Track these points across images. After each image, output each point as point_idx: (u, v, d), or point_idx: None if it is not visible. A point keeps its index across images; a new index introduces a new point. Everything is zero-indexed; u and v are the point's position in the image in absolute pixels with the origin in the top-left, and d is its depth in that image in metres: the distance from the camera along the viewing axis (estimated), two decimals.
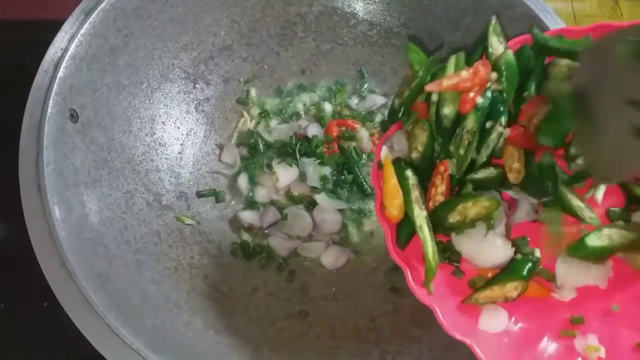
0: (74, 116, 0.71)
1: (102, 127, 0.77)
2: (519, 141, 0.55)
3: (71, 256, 0.62)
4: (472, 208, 0.52)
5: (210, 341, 0.70)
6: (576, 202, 0.57)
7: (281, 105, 0.98)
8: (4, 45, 1.03)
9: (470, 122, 0.53)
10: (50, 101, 0.68)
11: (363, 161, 0.93)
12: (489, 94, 0.54)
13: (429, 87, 0.54)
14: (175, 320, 0.70)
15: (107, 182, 0.75)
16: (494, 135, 0.54)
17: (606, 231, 0.56)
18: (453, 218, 0.53)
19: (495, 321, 0.54)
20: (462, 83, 0.52)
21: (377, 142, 0.91)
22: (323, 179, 0.88)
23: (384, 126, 0.61)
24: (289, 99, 0.99)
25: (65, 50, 0.71)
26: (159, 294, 0.72)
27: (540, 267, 0.58)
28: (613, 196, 0.61)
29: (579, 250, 0.56)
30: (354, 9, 0.95)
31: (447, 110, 0.54)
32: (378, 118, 0.98)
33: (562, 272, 0.57)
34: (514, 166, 0.54)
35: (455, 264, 0.58)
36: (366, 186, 0.90)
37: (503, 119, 0.54)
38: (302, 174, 0.88)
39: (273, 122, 0.96)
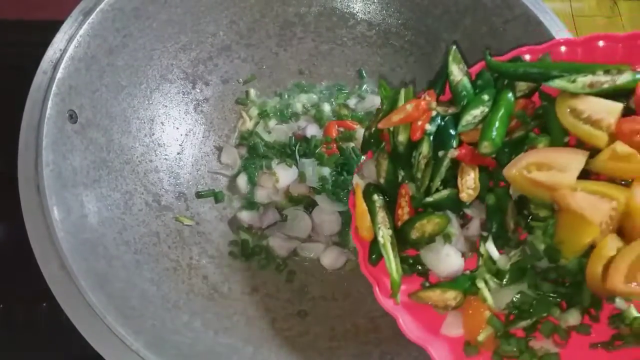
0: (72, 117, 0.71)
1: (101, 127, 0.77)
2: (469, 159, 0.58)
3: (70, 257, 0.63)
4: (428, 225, 0.59)
5: (209, 341, 0.70)
6: None
7: (280, 106, 0.98)
8: (3, 46, 1.03)
9: (425, 148, 0.59)
10: (49, 102, 0.68)
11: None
12: (438, 120, 0.59)
13: (381, 125, 0.61)
14: (175, 320, 0.70)
15: (106, 182, 0.75)
16: (446, 161, 0.58)
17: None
18: (414, 234, 0.60)
19: (454, 327, 0.60)
20: (408, 116, 0.59)
21: None
22: (322, 179, 0.88)
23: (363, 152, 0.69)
24: (288, 99, 0.99)
25: (64, 51, 0.71)
26: (158, 294, 0.72)
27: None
28: None
29: None
30: (353, 10, 0.95)
31: (401, 138, 0.60)
32: None
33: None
34: (469, 184, 0.58)
35: (424, 275, 0.63)
36: None
37: (454, 142, 0.58)
38: (302, 174, 0.88)
39: (272, 123, 0.96)
